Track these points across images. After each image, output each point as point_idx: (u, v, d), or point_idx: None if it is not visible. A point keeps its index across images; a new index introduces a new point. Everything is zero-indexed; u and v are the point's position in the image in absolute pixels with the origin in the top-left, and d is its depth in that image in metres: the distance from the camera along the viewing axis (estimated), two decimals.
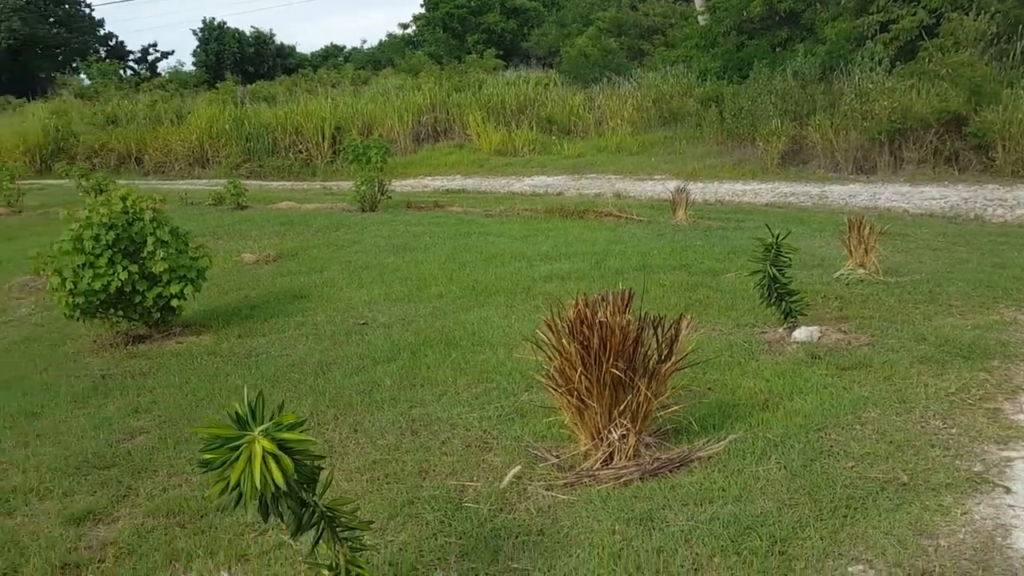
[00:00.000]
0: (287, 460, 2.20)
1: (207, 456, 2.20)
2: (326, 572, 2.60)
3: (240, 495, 2.20)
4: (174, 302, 6.22)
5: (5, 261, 10.18)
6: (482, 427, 4.27)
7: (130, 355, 6.12)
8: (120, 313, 6.27)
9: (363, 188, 12.40)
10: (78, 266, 5.85)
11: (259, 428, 2.19)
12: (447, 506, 3.47)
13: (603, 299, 3.70)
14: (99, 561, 3.31)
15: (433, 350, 5.61)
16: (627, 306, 3.67)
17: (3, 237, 12.18)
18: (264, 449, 2.16)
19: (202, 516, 3.57)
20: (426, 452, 4.03)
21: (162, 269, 6.04)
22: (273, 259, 9.27)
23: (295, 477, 2.24)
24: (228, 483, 2.19)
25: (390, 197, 13.08)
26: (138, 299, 6.12)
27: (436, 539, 3.22)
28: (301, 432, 2.25)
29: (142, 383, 5.44)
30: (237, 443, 2.16)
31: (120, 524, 3.59)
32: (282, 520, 2.37)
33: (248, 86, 30.14)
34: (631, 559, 2.99)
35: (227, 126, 20.89)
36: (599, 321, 3.55)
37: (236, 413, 2.21)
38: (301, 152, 20.45)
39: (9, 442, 4.62)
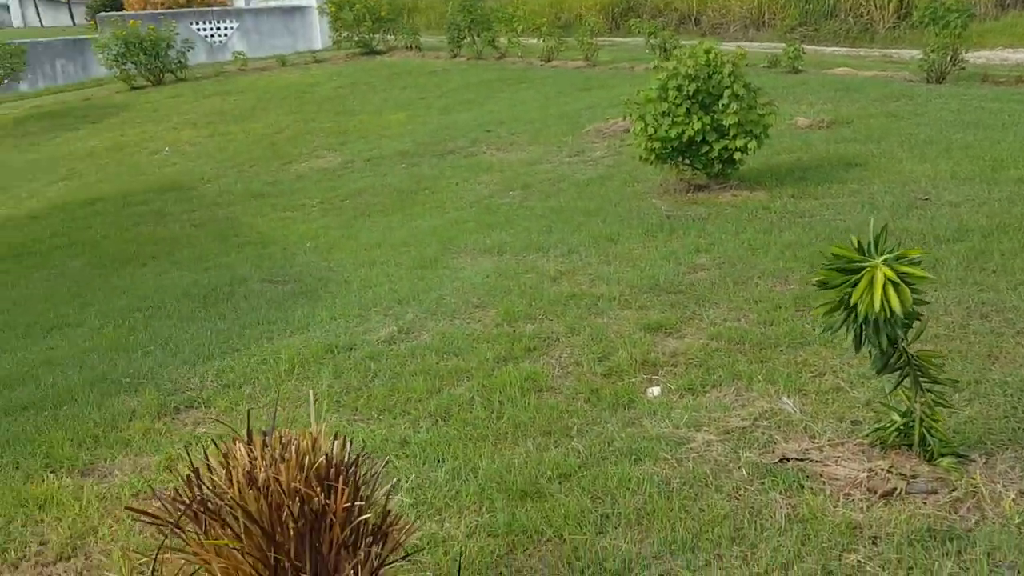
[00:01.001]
0: (905, 290, 2.27)
1: (822, 276, 2.37)
2: (896, 416, 2.68)
3: (843, 319, 2.35)
4: (736, 155, 6.54)
5: (584, 109, 11.61)
6: None
7: (690, 201, 6.67)
8: (686, 161, 6.80)
9: (933, 56, 11.23)
10: (660, 114, 6.45)
11: (881, 257, 2.29)
12: (1021, 394, 3.24)
13: None
14: (672, 365, 3.84)
15: (1009, 237, 5.07)
16: None
17: (581, 88, 13.80)
18: (885, 276, 2.25)
19: (760, 349, 3.88)
20: (997, 337, 3.76)
21: (732, 122, 6.36)
22: (827, 125, 9.05)
23: (910, 310, 2.30)
24: (834, 304, 2.34)
25: (963, 68, 11.65)
26: (705, 149, 6.56)
27: (1007, 421, 3.05)
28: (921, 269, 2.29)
29: (701, 227, 5.92)
30: (859, 266, 2.29)
31: (687, 340, 4.09)
32: (870, 355, 2.48)
33: None
34: None
35: None
36: None
37: (858, 242, 2.33)
38: (862, 16, 19.07)
39: (594, 259, 5.49)
